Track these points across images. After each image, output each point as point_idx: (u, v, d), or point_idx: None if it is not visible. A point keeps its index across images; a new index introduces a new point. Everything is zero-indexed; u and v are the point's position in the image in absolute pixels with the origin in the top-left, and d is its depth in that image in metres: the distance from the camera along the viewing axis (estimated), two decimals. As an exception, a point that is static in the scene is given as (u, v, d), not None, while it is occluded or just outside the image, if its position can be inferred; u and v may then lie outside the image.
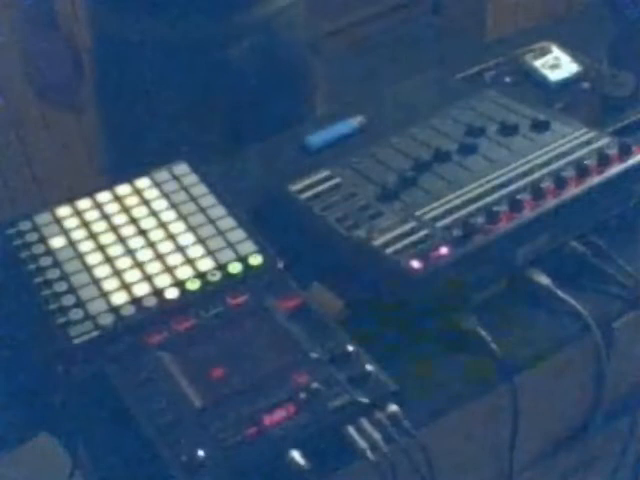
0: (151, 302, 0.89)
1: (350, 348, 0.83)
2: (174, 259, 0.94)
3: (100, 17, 1.20)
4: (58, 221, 0.99)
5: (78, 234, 0.97)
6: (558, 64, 1.26)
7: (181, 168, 1.06)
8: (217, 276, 0.92)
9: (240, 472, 0.75)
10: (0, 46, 1.15)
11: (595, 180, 0.97)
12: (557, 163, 0.99)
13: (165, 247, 0.95)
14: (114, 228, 0.98)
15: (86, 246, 0.96)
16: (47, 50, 1.18)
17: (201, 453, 0.75)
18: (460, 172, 1.00)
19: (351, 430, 0.78)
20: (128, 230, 0.98)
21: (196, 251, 0.95)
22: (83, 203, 1.01)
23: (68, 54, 1.21)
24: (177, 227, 0.98)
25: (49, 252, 0.95)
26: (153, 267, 0.93)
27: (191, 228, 0.97)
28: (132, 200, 1.02)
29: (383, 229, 0.93)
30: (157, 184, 1.04)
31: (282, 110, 1.24)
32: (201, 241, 0.96)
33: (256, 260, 0.93)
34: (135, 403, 0.80)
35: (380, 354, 0.83)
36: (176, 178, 1.04)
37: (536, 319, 0.94)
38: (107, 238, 0.97)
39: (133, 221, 0.99)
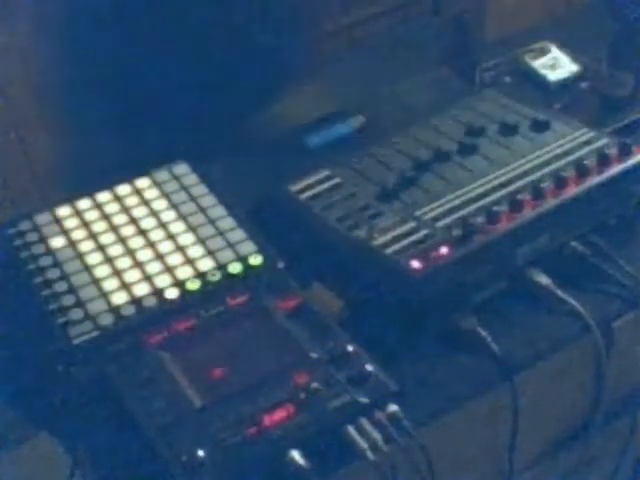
0: (151, 302, 0.89)
1: (350, 348, 0.83)
2: (174, 259, 0.94)
3: None
4: (58, 221, 0.99)
5: (78, 234, 0.97)
6: (557, 64, 1.26)
7: (181, 168, 1.06)
8: (217, 276, 0.92)
9: (240, 472, 0.75)
10: (0, 46, 1.14)
11: (595, 180, 0.97)
12: (557, 163, 0.99)
13: (165, 247, 0.95)
14: (114, 228, 0.98)
15: (86, 246, 0.96)
16: None
17: (201, 453, 0.75)
18: (460, 172, 1.00)
19: (351, 430, 0.78)
20: (128, 230, 0.98)
21: (196, 251, 0.95)
22: (83, 203, 1.01)
23: None
24: (177, 227, 0.98)
25: (49, 252, 0.95)
26: (153, 267, 0.93)
27: (191, 228, 0.98)
28: (132, 200, 1.02)
29: (383, 229, 0.93)
30: (157, 184, 1.04)
31: None
32: (201, 241, 0.96)
33: (256, 260, 0.93)
34: (135, 403, 0.80)
35: (380, 354, 0.83)
36: (176, 178, 1.04)
37: (536, 319, 0.94)
38: (107, 238, 0.97)
39: (133, 221, 0.99)
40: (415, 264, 0.88)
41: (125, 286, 0.91)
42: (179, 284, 0.91)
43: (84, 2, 1.11)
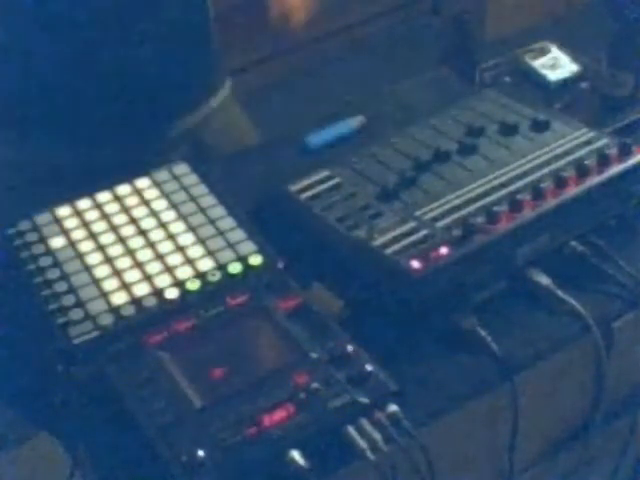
0: (151, 302, 0.89)
1: (350, 348, 0.83)
2: (174, 259, 0.94)
3: None
4: (58, 221, 0.99)
5: (78, 234, 0.97)
6: (557, 64, 1.26)
7: (181, 168, 1.06)
8: (217, 276, 0.92)
9: (240, 472, 0.75)
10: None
11: (595, 180, 0.97)
12: (557, 163, 0.99)
13: (165, 247, 0.95)
14: (114, 228, 0.98)
15: (86, 246, 0.96)
16: None
17: (201, 453, 0.75)
18: (460, 172, 1.00)
19: (351, 430, 0.78)
20: (128, 230, 0.98)
21: (196, 251, 0.95)
22: (83, 203, 1.01)
23: None
24: (177, 227, 0.98)
25: (49, 252, 0.95)
26: (153, 267, 0.93)
27: (191, 228, 0.97)
28: (132, 200, 1.01)
29: (383, 229, 0.93)
30: (157, 184, 1.04)
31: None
32: (201, 241, 0.96)
33: (256, 260, 0.93)
34: (135, 403, 0.80)
35: (380, 354, 0.83)
36: (176, 178, 1.04)
37: (536, 319, 0.94)
38: (107, 238, 0.97)
39: (133, 221, 0.99)
40: (415, 264, 0.88)
41: (125, 286, 0.91)
42: (179, 284, 0.91)
43: (84, 2, 1.11)
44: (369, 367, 0.81)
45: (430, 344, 0.90)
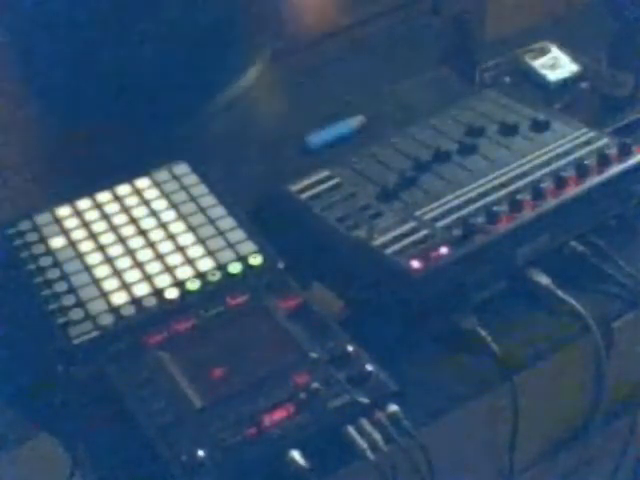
0: (151, 302, 0.89)
1: (350, 348, 0.83)
2: (174, 259, 0.94)
3: None
4: (58, 221, 0.99)
5: (78, 234, 0.97)
6: (557, 64, 1.26)
7: (181, 168, 1.06)
8: (217, 276, 0.92)
9: (240, 472, 0.75)
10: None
11: (595, 180, 0.97)
12: (557, 163, 0.99)
13: (165, 247, 0.95)
14: (114, 228, 0.98)
15: (86, 246, 0.96)
16: None
17: (201, 453, 0.75)
18: (460, 172, 1.00)
19: (351, 430, 0.78)
20: (128, 230, 0.98)
21: (196, 251, 0.95)
22: (83, 203, 1.01)
23: None
24: (177, 227, 0.98)
25: (49, 252, 0.95)
26: (153, 267, 0.93)
27: (191, 228, 0.98)
28: (132, 200, 1.02)
29: (383, 229, 0.93)
30: (157, 184, 1.04)
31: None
32: (201, 241, 0.96)
33: (256, 260, 0.93)
34: (135, 403, 0.80)
35: (380, 354, 0.83)
36: (176, 178, 1.04)
37: (536, 319, 0.94)
38: (107, 238, 0.97)
39: (133, 221, 0.99)
40: (415, 264, 0.88)
41: (125, 286, 0.91)
42: (179, 284, 0.91)
43: (84, 2, 1.11)
44: (369, 367, 0.81)
45: (430, 344, 0.90)
